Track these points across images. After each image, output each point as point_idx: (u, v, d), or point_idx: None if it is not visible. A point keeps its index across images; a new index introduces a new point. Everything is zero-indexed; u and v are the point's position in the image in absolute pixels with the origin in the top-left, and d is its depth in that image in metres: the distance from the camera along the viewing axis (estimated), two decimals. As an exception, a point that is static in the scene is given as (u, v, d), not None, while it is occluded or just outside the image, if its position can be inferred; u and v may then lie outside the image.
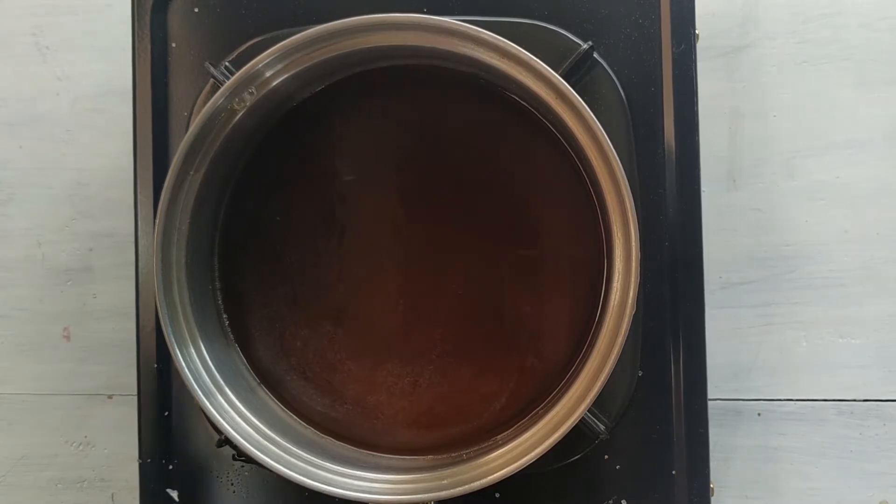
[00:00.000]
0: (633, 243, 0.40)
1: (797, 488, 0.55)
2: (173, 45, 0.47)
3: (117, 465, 0.59)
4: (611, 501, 0.46)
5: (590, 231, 0.44)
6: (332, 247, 0.47)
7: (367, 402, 0.47)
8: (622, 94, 0.45)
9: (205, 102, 0.44)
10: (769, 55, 0.55)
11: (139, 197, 0.47)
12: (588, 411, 0.41)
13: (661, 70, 0.45)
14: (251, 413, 0.44)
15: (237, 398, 0.44)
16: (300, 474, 0.42)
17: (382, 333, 0.47)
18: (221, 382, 0.44)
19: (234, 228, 0.47)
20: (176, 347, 0.43)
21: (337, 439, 0.47)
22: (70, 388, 0.59)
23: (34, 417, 0.59)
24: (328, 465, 0.44)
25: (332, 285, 0.47)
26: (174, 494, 0.48)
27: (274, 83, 0.42)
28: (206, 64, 0.45)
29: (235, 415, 0.44)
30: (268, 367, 0.48)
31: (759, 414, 0.55)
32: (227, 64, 0.46)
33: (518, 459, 0.41)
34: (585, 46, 0.44)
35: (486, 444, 0.45)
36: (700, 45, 0.46)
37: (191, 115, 0.47)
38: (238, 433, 0.43)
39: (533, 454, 0.41)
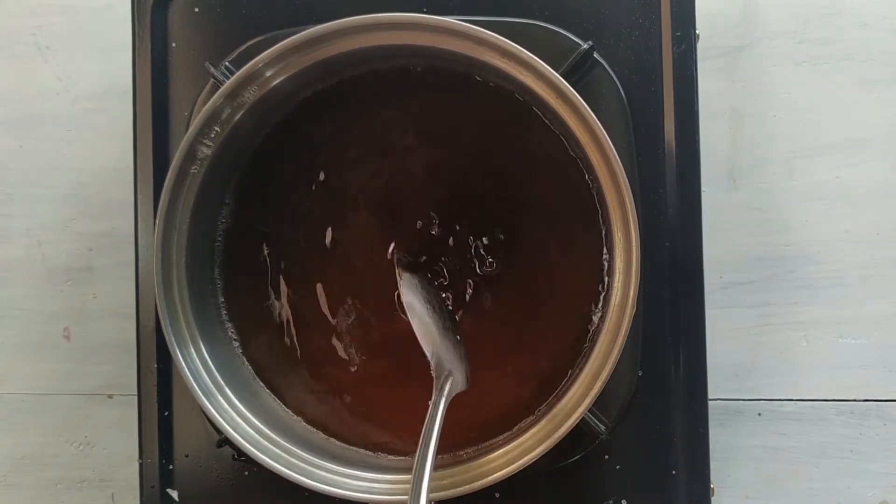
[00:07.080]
0: (634, 243, 0.40)
1: (797, 488, 0.55)
2: (173, 45, 0.47)
3: (117, 465, 0.59)
4: (611, 501, 0.46)
5: (590, 230, 0.44)
6: (333, 247, 0.47)
7: (368, 403, 0.47)
8: (622, 94, 0.45)
9: (205, 102, 0.44)
10: (769, 55, 0.55)
11: (139, 197, 0.47)
12: (588, 411, 0.41)
13: (661, 70, 0.45)
14: (251, 413, 0.44)
15: (237, 398, 0.44)
16: (300, 474, 0.42)
17: (383, 335, 0.47)
18: (221, 382, 0.44)
19: (234, 228, 0.47)
20: (176, 347, 0.43)
21: (337, 439, 0.47)
22: (70, 388, 0.59)
23: (34, 417, 0.59)
24: (328, 465, 0.44)
25: (334, 285, 0.47)
26: (174, 494, 0.48)
27: (274, 83, 0.42)
28: (207, 64, 0.45)
29: (235, 415, 0.44)
30: (268, 367, 0.48)
31: (759, 414, 0.55)
32: (227, 64, 0.46)
33: (518, 459, 0.41)
34: (585, 46, 0.44)
35: (486, 444, 0.45)
36: (700, 45, 0.46)
37: (191, 115, 0.47)
38: (238, 433, 0.43)
39: (533, 454, 0.41)
